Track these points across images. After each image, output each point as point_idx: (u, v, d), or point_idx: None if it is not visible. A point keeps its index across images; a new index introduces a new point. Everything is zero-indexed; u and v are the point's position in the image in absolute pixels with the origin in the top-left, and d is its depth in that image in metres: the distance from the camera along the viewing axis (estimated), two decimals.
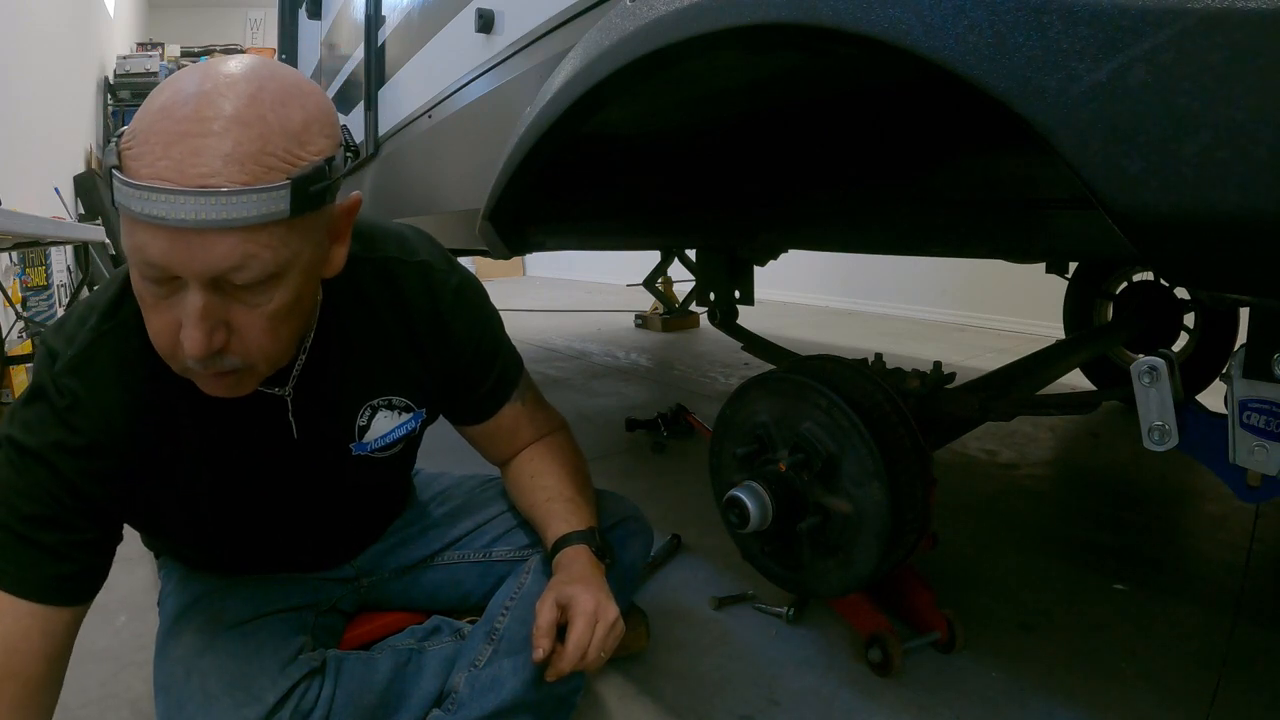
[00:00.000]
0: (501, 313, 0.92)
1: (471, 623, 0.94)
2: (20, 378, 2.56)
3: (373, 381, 0.79)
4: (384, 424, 0.81)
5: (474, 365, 0.86)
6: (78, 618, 0.67)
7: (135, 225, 0.54)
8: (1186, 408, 0.74)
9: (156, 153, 0.52)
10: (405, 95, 1.80)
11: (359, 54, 2.12)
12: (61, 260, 3.81)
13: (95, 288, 0.73)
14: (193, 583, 0.87)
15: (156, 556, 0.99)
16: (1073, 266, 2.36)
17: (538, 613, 0.77)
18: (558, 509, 0.89)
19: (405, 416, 0.82)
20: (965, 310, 4.13)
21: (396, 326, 0.79)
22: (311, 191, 0.56)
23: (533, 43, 1.12)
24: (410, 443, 0.87)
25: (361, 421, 0.80)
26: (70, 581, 0.65)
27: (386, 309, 0.78)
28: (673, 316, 4.06)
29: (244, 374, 0.63)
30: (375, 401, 0.80)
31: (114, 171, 0.53)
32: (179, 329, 0.57)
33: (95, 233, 2.78)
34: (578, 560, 0.83)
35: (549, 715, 0.89)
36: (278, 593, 0.88)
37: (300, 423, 0.75)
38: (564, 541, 0.86)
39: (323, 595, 0.93)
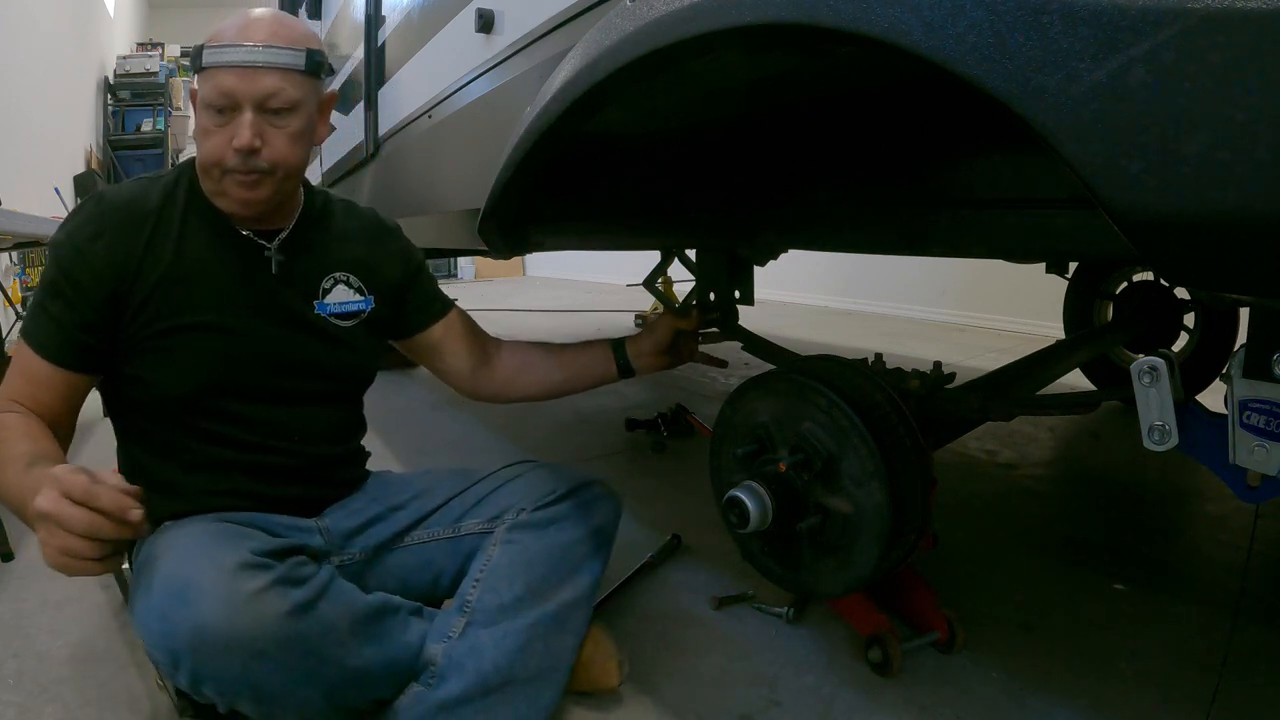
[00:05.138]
0: (501, 313, 0.97)
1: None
2: None
3: (336, 261, 1.04)
4: (341, 294, 1.03)
5: (416, 273, 1.13)
6: (85, 383, 0.91)
7: (218, 72, 0.85)
8: (1186, 408, 0.74)
9: (233, 35, 0.86)
10: (405, 95, 1.80)
11: (359, 54, 2.12)
12: None
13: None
14: (182, 527, 0.90)
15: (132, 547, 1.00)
16: (1073, 266, 2.35)
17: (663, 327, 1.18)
18: (582, 346, 1.21)
19: (358, 297, 1.05)
20: (965, 310, 4.13)
21: (355, 233, 1.08)
22: (314, 60, 0.90)
23: (533, 43, 1.12)
24: (362, 328, 1.05)
25: (325, 286, 1.02)
26: (72, 350, 0.89)
27: (348, 222, 1.08)
28: None
29: (264, 178, 0.90)
30: (337, 274, 1.03)
31: (206, 45, 0.86)
32: (230, 141, 0.86)
33: None
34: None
35: (536, 690, 0.89)
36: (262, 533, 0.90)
37: (279, 266, 0.97)
38: (618, 342, 1.20)
39: (304, 541, 0.94)
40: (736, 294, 1.86)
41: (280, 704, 0.76)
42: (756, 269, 1.88)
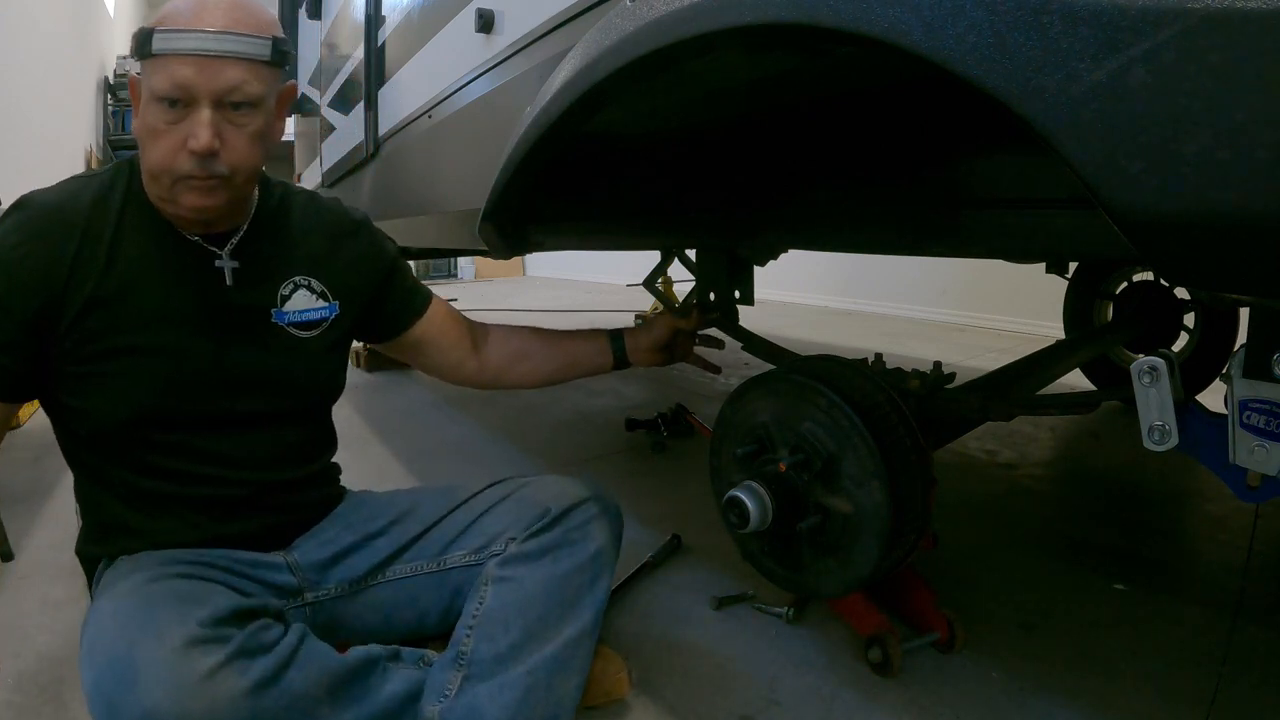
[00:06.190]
0: (501, 313, 0.95)
1: (436, 651, 0.89)
2: None
3: (296, 263, 0.95)
4: (302, 300, 0.95)
5: (390, 271, 1.05)
6: (3, 411, 0.84)
7: (169, 60, 0.76)
8: (1187, 408, 0.74)
9: (188, 18, 0.76)
10: (405, 95, 1.80)
11: (359, 54, 2.12)
12: None
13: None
14: (131, 573, 0.82)
15: (92, 581, 0.92)
16: (1073, 266, 2.35)
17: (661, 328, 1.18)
18: (578, 334, 1.19)
19: (321, 303, 0.96)
20: (965, 310, 4.13)
21: (317, 230, 0.98)
22: (279, 50, 0.81)
23: (533, 43, 1.12)
24: (326, 339, 0.96)
25: (284, 292, 0.93)
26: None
27: (310, 217, 0.99)
28: None
29: (222, 182, 0.81)
30: (297, 279, 0.95)
31: (155, 29, 0.76)
32: (184, 144, 0.78)
33: None
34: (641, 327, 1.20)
35: None
36: (221, 586, 0.83)
37: (233, 274, 0.89)
38: (616, 334, 1.18)
39: (266, 601, 0.86)
40: (736, 294, 1.86)
41: None
42: (756, 269, 1.89)
